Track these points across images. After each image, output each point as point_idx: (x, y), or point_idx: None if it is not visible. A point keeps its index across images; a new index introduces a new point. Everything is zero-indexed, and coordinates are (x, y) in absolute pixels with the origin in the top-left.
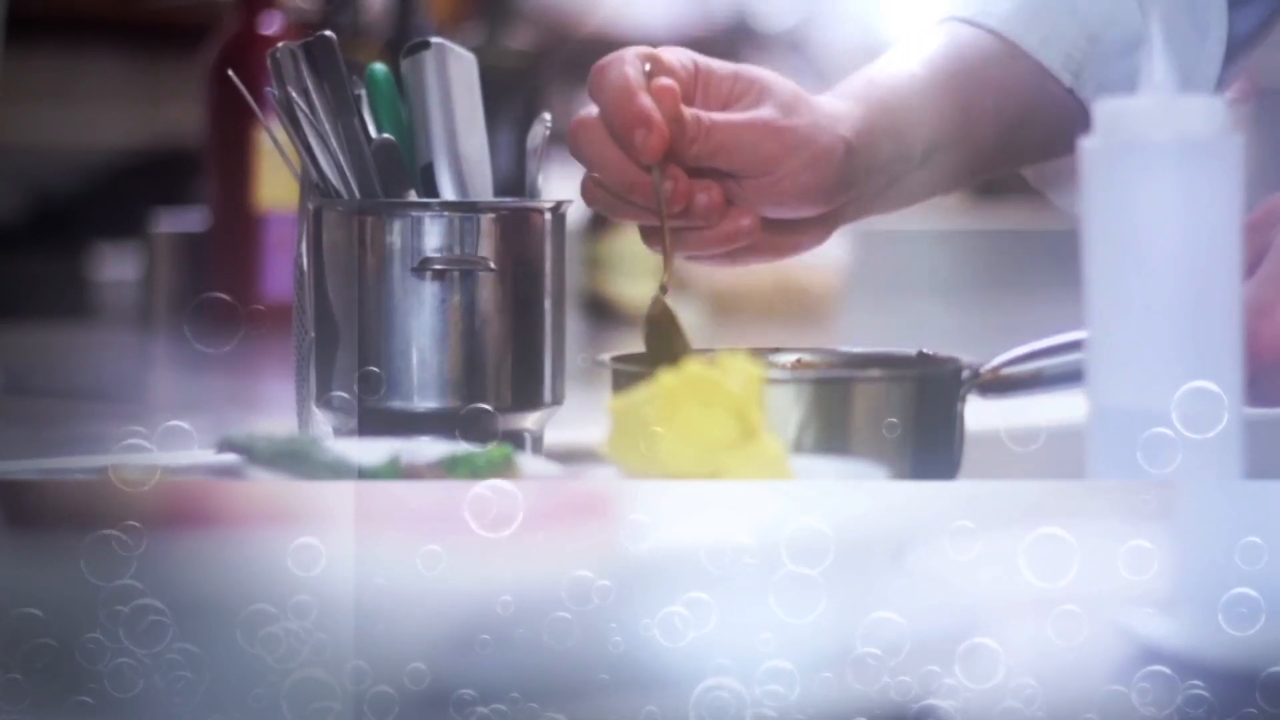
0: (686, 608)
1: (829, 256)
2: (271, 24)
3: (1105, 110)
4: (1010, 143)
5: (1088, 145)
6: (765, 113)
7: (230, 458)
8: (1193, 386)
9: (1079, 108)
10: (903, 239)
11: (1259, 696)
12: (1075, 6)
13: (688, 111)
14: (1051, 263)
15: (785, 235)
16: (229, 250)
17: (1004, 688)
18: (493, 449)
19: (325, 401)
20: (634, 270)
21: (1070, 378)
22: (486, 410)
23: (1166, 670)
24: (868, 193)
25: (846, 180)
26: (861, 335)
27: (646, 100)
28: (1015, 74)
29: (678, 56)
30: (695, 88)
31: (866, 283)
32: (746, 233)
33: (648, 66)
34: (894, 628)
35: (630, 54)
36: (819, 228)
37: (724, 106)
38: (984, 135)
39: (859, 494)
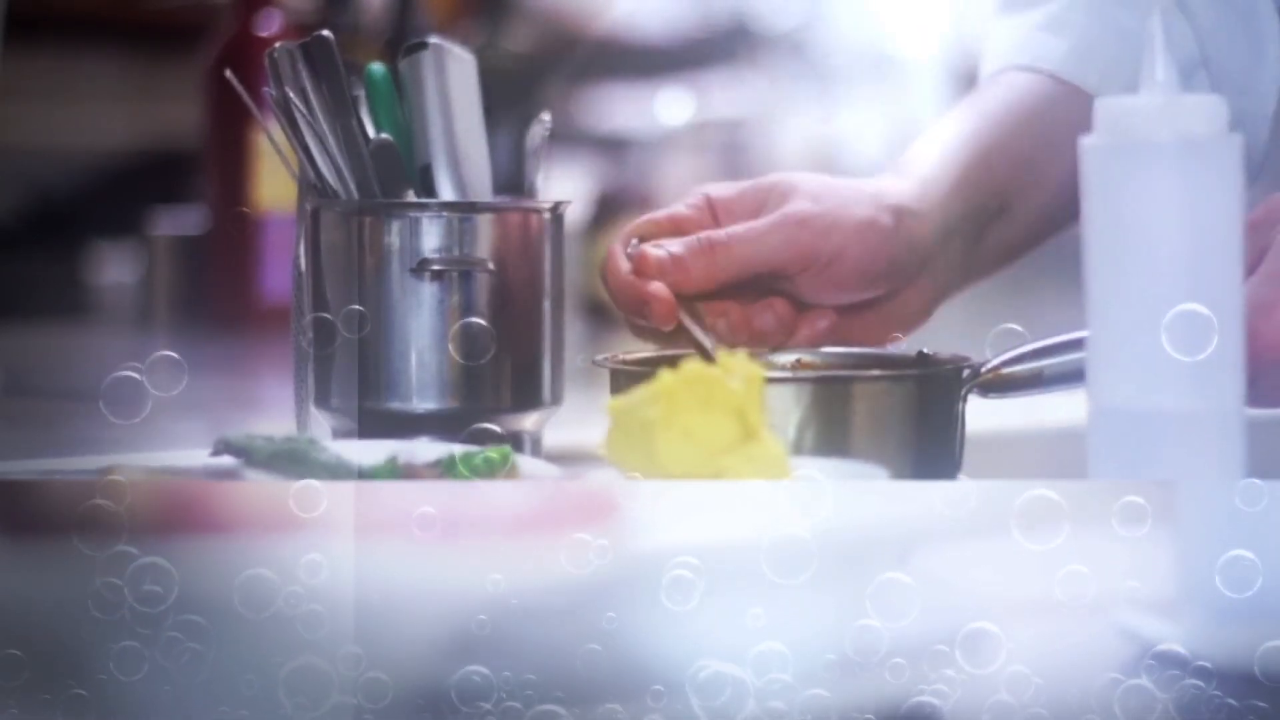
0: (686, 607)
1: None
2: (270, 24)
3: (1106, 109)
4: None
5: (1088, 145)
6: (792, 207)
7: (227, 460)
8: (1183, 309)
9: None
10: None
11: (1261, 694)
12: (1127, 36)
13: (683, 242)
14: (1054, 265)
15: (882, 318)
16: (228, 251)
17: (1004, 687)
18: (491, 450)
19: (324, 402)
20: None
21: (1070, 377)
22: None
23: (1168, 669)
24: (952, 255)
25: (909, 249)
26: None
27: (634, 281)
28: (1079, 114)
29: (677, 211)
30: (714, 218)
31: None
32: (828, 332)
33: (632, 244)
34: (894, 627)
35: (617, 244)
36: (917, 305)
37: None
38: (1057, 178)
39: (859, 494)
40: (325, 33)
